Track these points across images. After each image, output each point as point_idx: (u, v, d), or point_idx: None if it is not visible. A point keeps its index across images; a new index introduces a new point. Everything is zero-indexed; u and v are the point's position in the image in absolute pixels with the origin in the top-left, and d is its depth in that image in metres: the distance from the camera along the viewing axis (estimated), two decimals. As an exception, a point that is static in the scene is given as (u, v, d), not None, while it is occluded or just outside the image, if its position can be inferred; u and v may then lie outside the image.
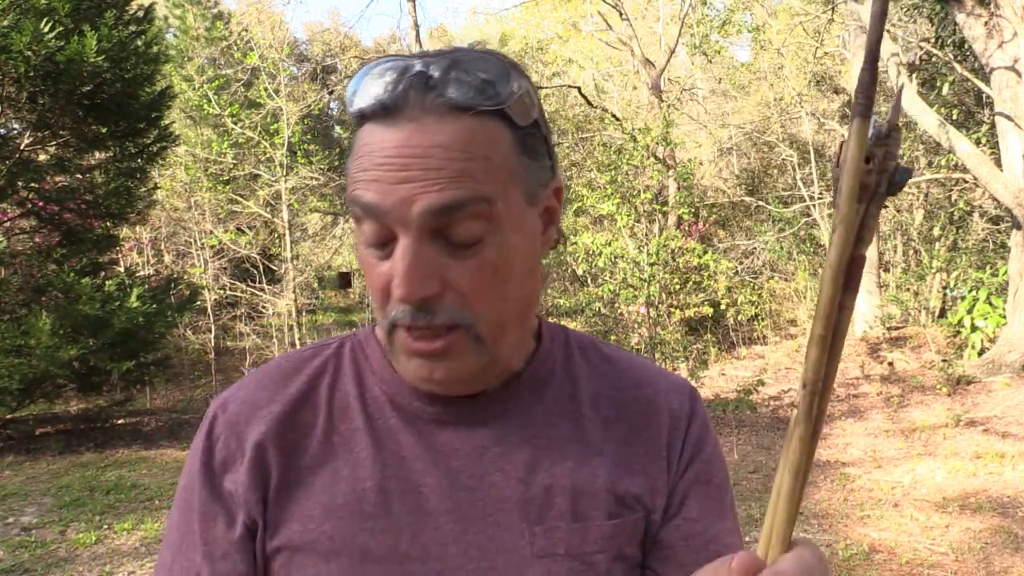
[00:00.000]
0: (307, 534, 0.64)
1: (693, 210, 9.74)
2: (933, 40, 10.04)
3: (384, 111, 0.59)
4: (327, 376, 0.71)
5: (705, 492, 0.71)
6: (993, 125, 8.14)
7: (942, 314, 9.71)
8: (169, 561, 0.68)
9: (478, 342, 0.61)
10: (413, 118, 0.58)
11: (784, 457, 0.47)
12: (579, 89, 12.71)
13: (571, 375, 0.73)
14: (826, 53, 12.80)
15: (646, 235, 7.44)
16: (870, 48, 0.42)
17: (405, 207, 0.57)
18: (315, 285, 13.56)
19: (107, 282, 6.74)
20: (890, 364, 8.25)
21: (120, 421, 7.77)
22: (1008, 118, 7.27)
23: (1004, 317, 7.62)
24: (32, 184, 6.92)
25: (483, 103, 0.59)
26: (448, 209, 0.57)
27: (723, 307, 9.60)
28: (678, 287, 8.76)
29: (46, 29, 5.75)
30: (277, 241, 10.98)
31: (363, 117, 0.61)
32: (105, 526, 4.46)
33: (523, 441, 0.68)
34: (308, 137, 10.52)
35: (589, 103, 12.59)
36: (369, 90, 0.60)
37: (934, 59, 10.10)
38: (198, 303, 9.22)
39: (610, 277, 7.51)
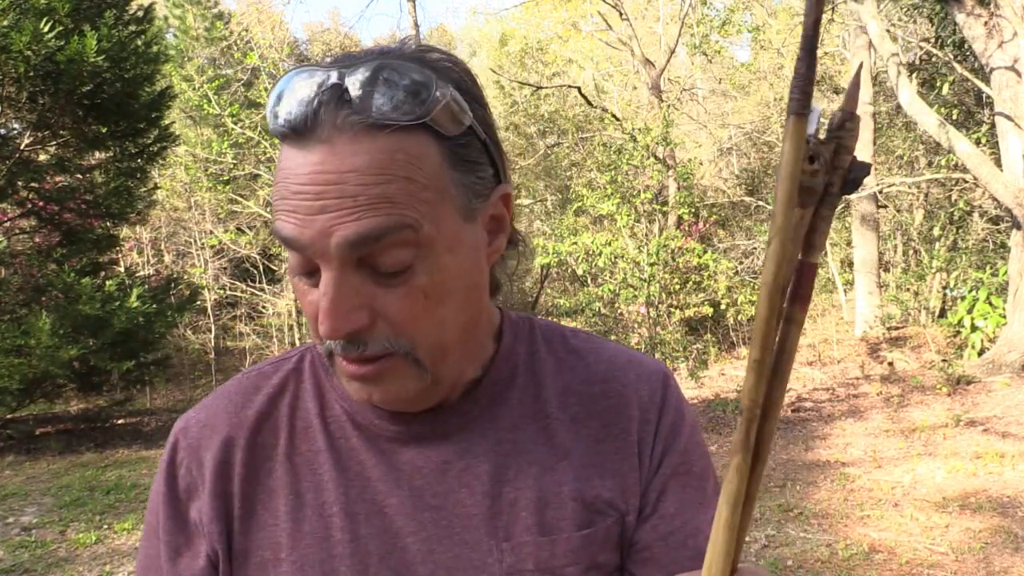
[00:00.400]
0: (276, 564, 0.63)
1: (693, 210, 9.73)
2: (933, 40, 10.04)
3: (295, 134, 0.54)
4: (287, 395, 0.69)
5: (684, 483, 0.68)
6: (993, 125, 8.14)
7: (942, 314, 9.71)
8: None
9: (417, 366, 0.58)
10: (325, 139, 0.53)
11: (723, 486, 0.44)
12: (579, 89, 12.71)
13: (535, 373, 0.69)
14: (826, 53, 12.80)
15: (646, 235, 7.44)
16: (806, 35, 0.37)
17: (323, 239, 0.53)
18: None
19: (107, 282, 6.74)
20: (890, 364, 8.25)
21: (120, 421, 7.78)
22: (1008, 118, 7.27)
23: (1004, 317, 7.62)
24: (32, 184, 6.92)
25: (401, 119, 0.53)
26: (366, 240, 0.53)
27: (723, 307, 9.59)
28: (678, 287, 8.76)
29: (46, 29, 5.75)
30: (277, 241, 10.97)
31: (280, 135, 0.56)
32: (105, 526, 4.46)
33: (486, 451, 0.65)
34: (308, 137, 10.50)
35: (589, 103, 12.59)
36: (283, 106, 0.55)
37: (934, 59, 10.10)
38: (198, 303, 9.22)
39: (610, 277, 7.51)
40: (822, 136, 0.40)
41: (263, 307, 10.64)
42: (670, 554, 0.66)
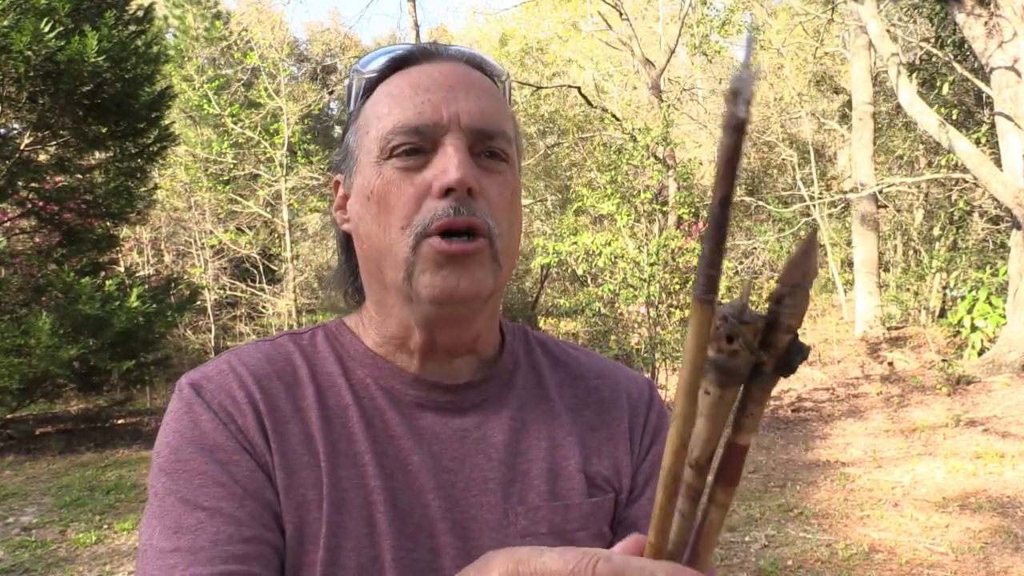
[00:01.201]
0: (317, 504, 0.63)
1: (693, 210, 9.72)
2: (933, 40, 10.04)
3: (424, 54, 0.69)
4: (305, 359, 0.70)
5: None
6: (993, 125, 8.14)
7: (942, 314, 9.71)
8: (192, 538, 0.58)
9: (494, 260, 0.65)
10: (448, 59, 0.69)
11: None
12: (579, 89, 12.70)
13: (534, 367, 0.76)
14: (826, 53, 12.81)
15: (646, 235, 7.43)
16: (714, 214, 0.29)
17: (456, 116, 0.64)
18: (315, 285, 13.56)
19: (107, 282, 6.74)
20: (890, 364, 8.24)
21: (120, 421, 7.77)
22: (1008, 118, 7.27)
23: (1004, 317, 7.62)
24: (32, 184, 6.92)
25: (492, 69, 0.72)
26: (490, 116, 0.66)
27: (723, 307, 9.57)
28: (678, 287, 8.75)
29: (46, 29, 5.75)
30: (277, 241, 10.98)
31: (396, 65, 0.69)
32: (105, 526, 4.46)
33: (500, 426, 0.70)
34: (308, 137, 10.52)
35: (589, 103, 12.58)
36: (397, 50, 0.70)
37: (934, 59, 10.10)
38: (198, 303, 9.22)
39: (610, 277, 7.51)
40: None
41: (263, 307, 10.64)
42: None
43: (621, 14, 12.52)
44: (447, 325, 0.67)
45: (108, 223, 7.56)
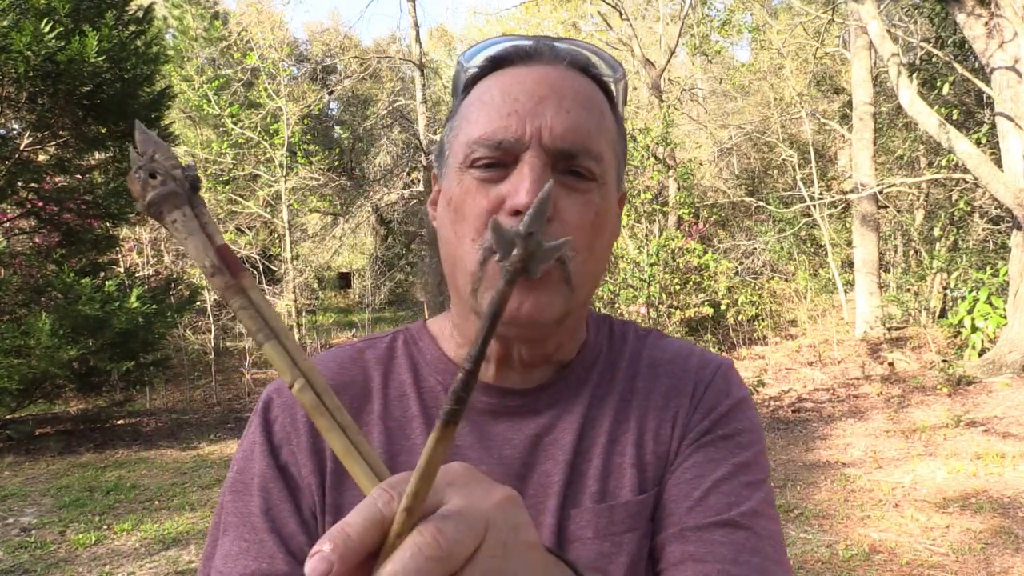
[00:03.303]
0: None
1: (693, 210, 9.73)
2: (933, 40, 10.04)
3: (522, 55, 0.66)
4: (381, 366, 0.72)
5: (712, 444, 0.68)
6: (993, 125, 8.13)
7: (942, 314, 9.70)
8: (228, 545, 0.64)
9: (568, 283, 0.63)
10: (546, 62, 0.66)
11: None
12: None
13: (612, 361, 0.75)
14: (826, 53, 12.80)
15: (646, 235, 7.43)
16: (471, 355, 0.35)
17: (538, 132, 0.62)
18: (315, 285, 13.56)
19: (107, 282, 6.73)
20: (890, 364, 8.24)
21: (120, 421, 7.77)
22: (1008, 118, 7.27)
23: (1004, 317, 7.62)
24: (32, 184, 6.91)
25: (601, 72, 0.68)
26: (575, 133, 0.62)
27: (723, 307, 9.58)
28: (678, 287, 8.75)
29: (46, 29, 5.74)
30: (277, 241, 10.98)
31: (494, 65, 0.67)
32: (105, 527, 4.46)
33: (571, 425, 0.69)
34: (308, 137, 10.52)
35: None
36: (498, 47, 0.67)
37: (934, 59, 10.10)
38: (198, 303, 9.21)
39: (610, 277, 7.50)
40: None
41: (263, 307, 10.60)
42: (675, 506, 0.66)
43: (621, 14, 12.51)
44: (519, 342, 0.66)
45: (108, 223, 7.56)
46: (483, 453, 0.67)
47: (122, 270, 8.98)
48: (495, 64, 0.67)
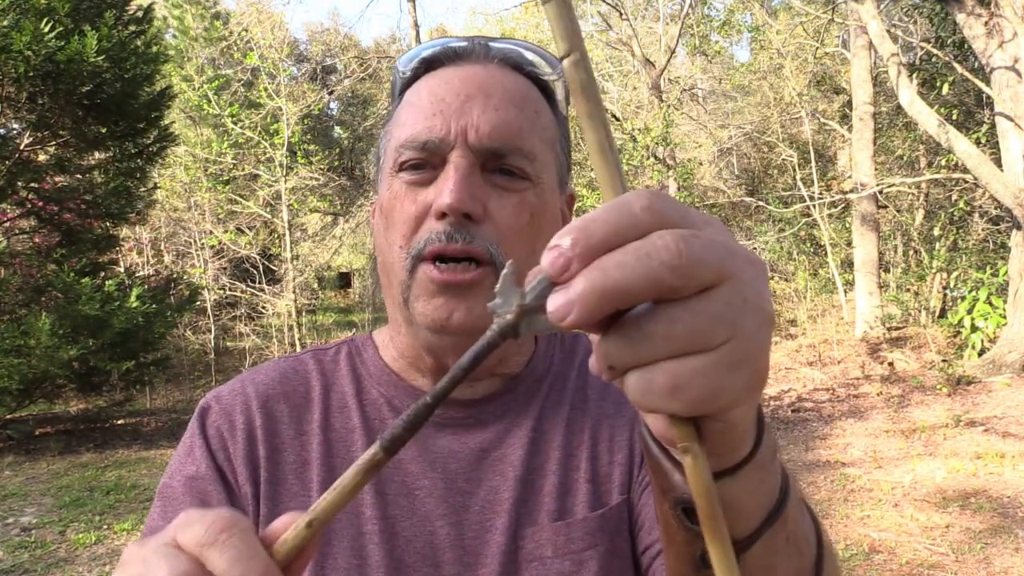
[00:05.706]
0: None
1: (693, 210, 9.71)
2: (933, 40, 10.04)
3: (453, 55, 0.65)
4: (322, 376, 0.70)
5: None
6: (993, 125, 8.13)
7: (942, 314, 9.70)
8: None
9: None
10: (477, 62, 0.64)
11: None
12: (579, 89, 12.67)
13: (563, 369, 0.73)
14: (826, 53, 12.80)
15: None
16: (434, 395, 0.34)
17: (464, 131, 0.60)
18: (315, 285, 13.55)
19: (107, 282, 6.73)
20: (890, 364, 8.24)
21: (120, 421, 7.77)
22: (1008, 118, 7.26)
23: (1004, 317, 7.62)
24: (32, 184, 6.91)
25: (536, 70, 0.66)
26: (501, 132, 0.61)
27: (723, 307, 9.56)
28: (678, 287, 8.73)
29: (46, 29, 5.74)
30: (277, 241, 10.98)
31: (426, 67, 0.65)
32: (105, 526, 4.46)
33: (520, 440, 0.67)
34: (308, 137, 10.52)
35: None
36: (433, 48, 0.66)
37: (934, 59, 10.09)
38: (198, 303, 9.21)
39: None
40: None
41: (263, 307, 10.62)
42: (652, 512, 0.64)
43: (621, 14, 12.52)
44: (453, 353, 0.63)
45: (108, 223, 7.56)
46: (425, 467, 0.65)
47: (122, 270, 8.98)
48: (427, 66, 0.66)
